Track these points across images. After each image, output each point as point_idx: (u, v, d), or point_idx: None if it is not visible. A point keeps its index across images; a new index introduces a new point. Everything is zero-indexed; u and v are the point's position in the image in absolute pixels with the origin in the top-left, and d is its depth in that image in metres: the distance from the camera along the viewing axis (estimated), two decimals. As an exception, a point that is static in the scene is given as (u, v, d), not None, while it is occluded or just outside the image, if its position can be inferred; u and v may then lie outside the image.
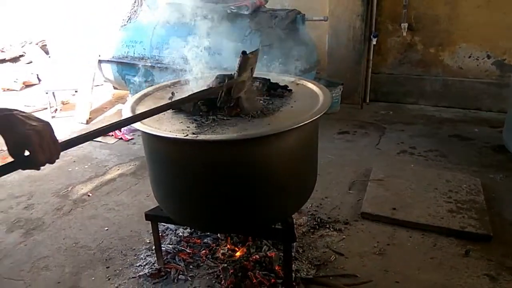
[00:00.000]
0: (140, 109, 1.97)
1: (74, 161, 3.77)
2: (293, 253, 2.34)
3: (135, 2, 4.55)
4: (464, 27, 4.36)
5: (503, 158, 3.45)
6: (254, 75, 2.18)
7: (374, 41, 4.59)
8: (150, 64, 4.11)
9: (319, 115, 1.78)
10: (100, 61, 4.70)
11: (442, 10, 4.38)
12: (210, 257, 2.37)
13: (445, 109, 4.63)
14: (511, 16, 4.13)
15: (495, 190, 2.97)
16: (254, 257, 2.29)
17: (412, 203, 2.74)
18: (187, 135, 1.62)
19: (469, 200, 2.74)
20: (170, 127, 1.75)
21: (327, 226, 2.66)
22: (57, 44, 5.83)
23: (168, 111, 1.94)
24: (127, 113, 1.87)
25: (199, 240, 2.50)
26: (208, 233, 2.51)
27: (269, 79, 2.16)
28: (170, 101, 2.06)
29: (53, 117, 4.91)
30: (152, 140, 1.81)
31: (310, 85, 2.23)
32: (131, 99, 2.06)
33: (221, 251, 2.37)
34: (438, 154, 3.58)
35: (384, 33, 4.68)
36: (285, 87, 2.16)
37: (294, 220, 2.58)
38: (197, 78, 2.46)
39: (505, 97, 4.13)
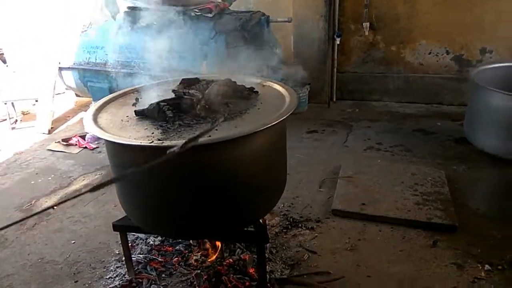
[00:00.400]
0: (103, 117, 1.91)
1: (37, 174, 3.63)
2: (266, 254, 2.34)
3: (95, 7, 4.44)
4: (423, 25, 4.51)
5: (465, 149, 3.59)
6: (219, 78, 2.18)
7: (337, 41, 4.67)
8: (113, 70, 4.01)
9: (285, 116, 1.78)
10: (60, 68, 4.55)
11: (402, 8, 4.51)
12: (183, 264, 2.33)
13: (408, 104, 4.76)
14: (467, 13, 4.30)
15: (458, 181, 3.08)
16: (227, 261, 2.27)
17: (380, 198, 2.80)
18: (152, 141, 1.59)
19: (434, 192, 2.83)
20: (134, 134, 1.71)
21: (299, 225, 2.68)
22: (14, 52, 5.60)
23: (132, 117, 1.90)
24: (88, 122, 1.82)
25: (170, 248, 2.45)
26: (180, 240, 2.47)
27: (234, 82, 2.15)
28: (134, 107, 2.02)
29: (13, 128, 4.71)
30: (116, 149, 1.76)
31: (276, 86, 2.24)
32: (93, 107, 2.00)
33: (194, 257, 2.34)
34: (403, 148, 3.68)
35: (347, 32, 4.77)
36: (251, 89, 2.15)
37: (266, 221, 2.60)
38: (162, 83, 2.43)
39: (465, 91, 4.30)
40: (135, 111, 1.90)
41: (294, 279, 2.21)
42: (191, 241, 2.44)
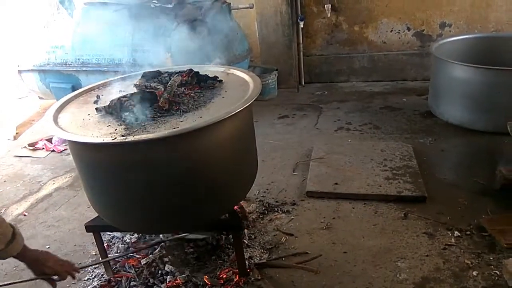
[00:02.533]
0: (64, 117, 1.87)
1: (5, 181, 3.52)
2: (245, 241, 2.36)
3: (50, 5, 4.28)
4: (383, 3, 4.57)
5: (431, 122, 3.69)
6: (181, 70, 2.16)
7: (301, 25, 4.68)
8: (74, 69, 3.90)
9: (249, 102, 1.79)
10: (20, 71, 4.38)
11: (362, -12, 4.55)
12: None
13: (374, 83, 4.84)
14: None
15: (426, 153, 3.17)
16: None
17: (352, 176, 2.86)
18: (115, 138, 1.56)
19: (403, 166, 2.91)
20: (97, 131, 1.68)
21: (276, 209, 2.71)
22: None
23: (94, 115, 1.86)
24: (49, 122, 1.77)
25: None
26: (155, 236, 2.46)
27: (197, 72, 2.13)
28: (95, 104, 1.98)
29: (-25, 137, 4.53)
30: (80, 148, 1.73)
31: (240, 73, 2.24)
32: (53, 107, 1.94)
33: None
34: (371, 126, 3.75)
35: (310, 15, 4.78)
36: (215, 78, 2.15)
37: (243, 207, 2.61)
38: (124, 78, 2.39)
39: (428, 66, 4.40)
40: (96, 108, 1.87)
41: (273, 263, 2.25)
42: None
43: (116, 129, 1.67)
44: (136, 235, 2.49)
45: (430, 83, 3.87)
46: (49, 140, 4.02)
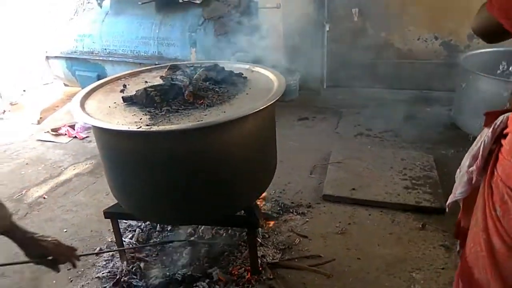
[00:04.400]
0: (90, 104, 1.90)
1: (27, 164, 3.60)
2: (259, 239, 2.36)
3: (81, -6, 4.37)
4: (412, 11, 4.49)
5: (454, 134, 3.62)
6: (207, 64, 2.17)
7: (327, 27, 4.65)
8: (100, 58, 3.97)
9: (273, 100, 1.79)
10: (47, 58, 4.49)
11: (392, -6, 4.49)
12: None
13: (398, 91, 4.77)
14: (455, -1, 4.31)
15: (447, 165, 3.11)
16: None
17: (370, 183, 2.83)
18: (140, 127, 1.58)
19: (423, 176, 2.86)
20: (122, 119, 1.70)
21: (291, 210, 2.70)
22: (1, 41, 5.51)
23: (120, 103, 1.89)
24: (76, 108, 1.80)
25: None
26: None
27: (223, 67, 2.14)
28: (122, 93, 2.01)
29: (1, 119, 4.65)
30: (104, 135, 1.76)
31: (265, 71, 2.23)
32: (80, 93, 1.98)
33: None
34: (393, 134, 3.71)
35: (336, 19, 4.74)
36: (240, 74, 2.15)
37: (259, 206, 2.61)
38: (150, 69, 2.41)
39: (454, 77, 4.31)
40: (122, 97, 1.89)
41: (286, 263, 2.24)
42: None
43: (141, 118, 1.69)
44: (151, 224, 2.53)
45: (456, 94, 3.80)
46: (72, 127, 4.10)
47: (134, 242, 2.39)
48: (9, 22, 4.91)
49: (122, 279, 2.13)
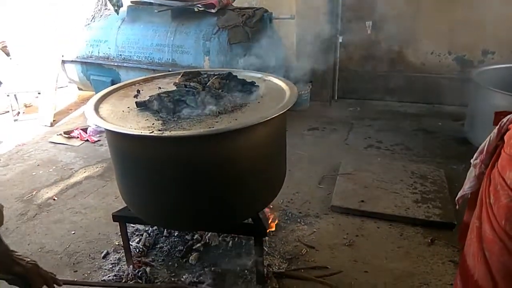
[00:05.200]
0: (104, 107, 1.93)
1: (38, 165, 3.65)
2: (265, 248, 2.35)
3: (99, 0, 4.45)
4: (425, 25, 4.50)
5: (465, 149, 3.58)
6: (220, 72, 2.19)
7: (340, 39, 4.67)
8: (115, 64, 4.03)
9: (285, 110, 1.79)
10: (63, 62, 4.57)
11: (405, 8, 4.50)
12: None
13: (409, 104, 4.76)
14: (470, 14, 4.29)
15: (457, 180, 3.07)
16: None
17: (379, 195, 2.81)
18: (153, 132, 1.60)
19: (433, 191, 2.83)
20: (135, 124, 1.72)
21: (298, 220, 2.69)
22: (18, 44, 5.62)
23: (133, 108, 1.91)
24: (90, 111, 1.83)
25: (169, 240, 2.47)
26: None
27: (235, 76, 2.16)
28: (135, 98, 2.03)
29: (15, 120, 4.73)
30: (117, 138, 1.78)
31: (277, 81, 2.25)
32: (95, 97, 2.01)
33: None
34: (403, 147, 3.69)
35: (350, 31, 4.76)
36: (252, 83, 2.16)
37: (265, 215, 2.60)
38: (164, 76, 2.44)
39: (466, 92, 4.28)
40: (136, 102, 1.92)
41: (292, 273, 2.23)
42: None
43: (153, 124, 1.71)
44: (158, 228, 2.54)
45: (468, 109, 3.77)
46: (84, 130, 4.15)
47: (141, 246, 2.40)
48: (26, 24, 5.02)
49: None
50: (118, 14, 4.08)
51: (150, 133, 1.59)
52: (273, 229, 2.52)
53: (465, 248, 1.37)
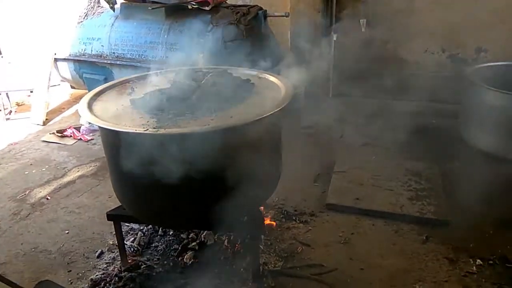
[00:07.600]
0: (98, 105, 1.91)
1: (31, 164, 3.61)
2: (261, 246, 2.35)
3: (92, -2, 4.41)
4: (419, 23, 4.51)
5: (459, 147, 3.58)
6: (215, 70, 2.17)
7: (334, 37, 4.67)
8: (108, 62, 3.99)
9: (281, 107, 1.79)
10: (56, 60, 4.51)
11: (399, 6, 4.50)
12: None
13: (404, 102, 4.76)
14: (463, 12, 4.30)
15: (452, 178, 3.09)
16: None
17: (374, 193, 2.82)
18: (147, 129, 1.58)
19: (428, 188, 2.85)
20: (129, 122, 1.70)
21: (294, 218, 2.69)
22: (10, 42, 5.56)
23: (128, 106, 1.89)
24: (83, 110, 1.81)
25: (164, 239, 2.45)
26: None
27: (230, 73, 2.15)
28: (129, 96, 2.01)
29: (7, 119, 4.68)
30: (111, 136, 1.76)
31: (272, 78, 2.24)
32: (88, 94, 1.99)
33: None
34: (398, 145, 3.68)
35: (344, 29, 4.76)
36: (247, 80, 2.15)
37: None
38: (158, 73, 2.42)
39: (460, 90, 4.30)
40: (130, 99, 1.90)
41: (288, 271, 2.23)
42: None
43: (148, 121, 1.70)
44: (152, 227, 2.52)
45: (461, 107, 3.78)
46: (77, 129, 4.11)
47: (136, 245, 2.38)
48: (18, 22, 4.96)
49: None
50: (114, 11, 4.05)
51: (145, 130, 1.58)
52: (274, 225, 2.52)
53: None
